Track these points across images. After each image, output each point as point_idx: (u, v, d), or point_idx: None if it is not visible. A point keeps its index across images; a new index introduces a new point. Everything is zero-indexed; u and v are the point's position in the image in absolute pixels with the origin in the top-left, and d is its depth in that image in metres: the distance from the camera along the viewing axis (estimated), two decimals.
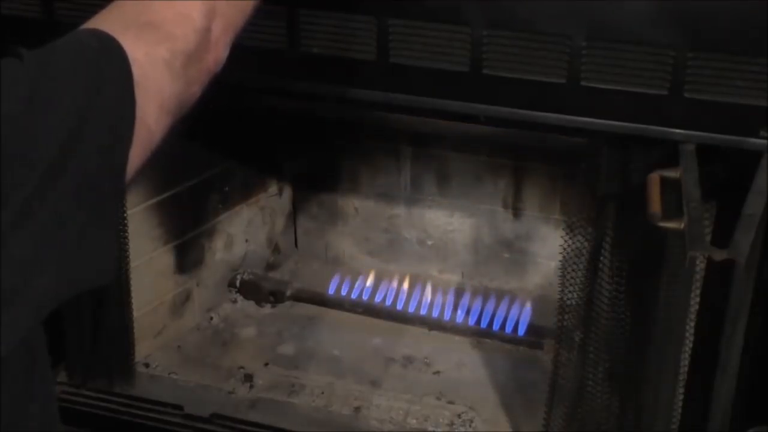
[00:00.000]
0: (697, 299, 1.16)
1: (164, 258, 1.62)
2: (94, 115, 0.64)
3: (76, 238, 0.64)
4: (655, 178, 1.03)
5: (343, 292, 1.74)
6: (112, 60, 0.67)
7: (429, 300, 1.71)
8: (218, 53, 0.78)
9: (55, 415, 0.78)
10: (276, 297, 1.77)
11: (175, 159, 1.54)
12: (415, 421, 1.46)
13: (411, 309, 1.70)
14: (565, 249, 1.22)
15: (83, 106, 0.63)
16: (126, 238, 1.43)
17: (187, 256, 1.67)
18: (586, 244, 1.19)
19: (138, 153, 0.68)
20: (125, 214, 1.42)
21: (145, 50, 0.69)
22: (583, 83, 1.06)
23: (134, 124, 0.67)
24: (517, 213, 1.74)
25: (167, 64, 0.71)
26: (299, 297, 1.78)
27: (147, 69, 0.69)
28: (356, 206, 1.85)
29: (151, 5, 0.73)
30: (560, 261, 1.23)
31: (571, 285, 1.23)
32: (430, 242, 1.82)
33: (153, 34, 0.71)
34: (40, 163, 0.60)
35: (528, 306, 1.65)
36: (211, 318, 1.74)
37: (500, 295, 1.70)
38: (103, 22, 0.71)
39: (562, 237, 1.22)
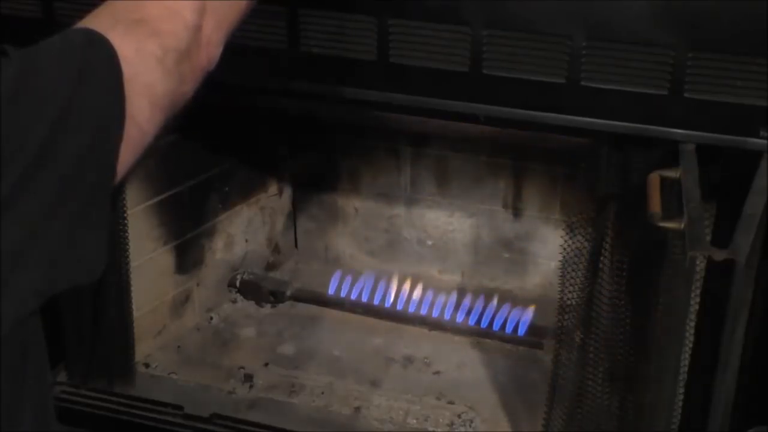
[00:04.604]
0: (697, 299, 1.16)
1: (164, 258, 1.62)
2: (80, 110, 0.63)
3: (62, 232, 0.64)
4: (655, 178, 1.03)
5: (343, 292, 1.74)
6: (100, 56, 0.66)
7: (429, 300, 1.70)
8: (211, 51, 0.77)
9: (51, 415, 0.78)
10: (276, 297, 1.77)
11: (175, 159, 1.54)
12: (415, 421, 1.46)
13: (411, 309, 1.70)
14: (565, 249, 1.22)
15: (68, 100, 0.63)
16: (126, 238, 1.43)
17: (187, 256, 1.67)
18: (586, 244, 1.19)
19: (129, 150, 0.68)
20: (125, 214, 1.42)
21: (134, 47, 0.69)
22: (583, 83, 1.06)
23: (124, 120, 0.66)
24: (517, 213, 1.74)
25: (158, 60, 0.70)
26: (299, 297, 1.78)
27: (137, 65, 0.68)
28: (356, 206, 1.85)
29: (142, 3, 0.73)
30: (560, 261, 1.23)
31: (571, 285, 1.23)
32: (430, 242, 1.82)
33: (143, 30, 0.71)
34: (23, 155, 0.60)
35: (528, 306, 1.65)
36: (211, 318, 1.74)
37: (500, 295, 1.70)
38: (93, 20, 0.71)
39: (562, 237, 1.22)
